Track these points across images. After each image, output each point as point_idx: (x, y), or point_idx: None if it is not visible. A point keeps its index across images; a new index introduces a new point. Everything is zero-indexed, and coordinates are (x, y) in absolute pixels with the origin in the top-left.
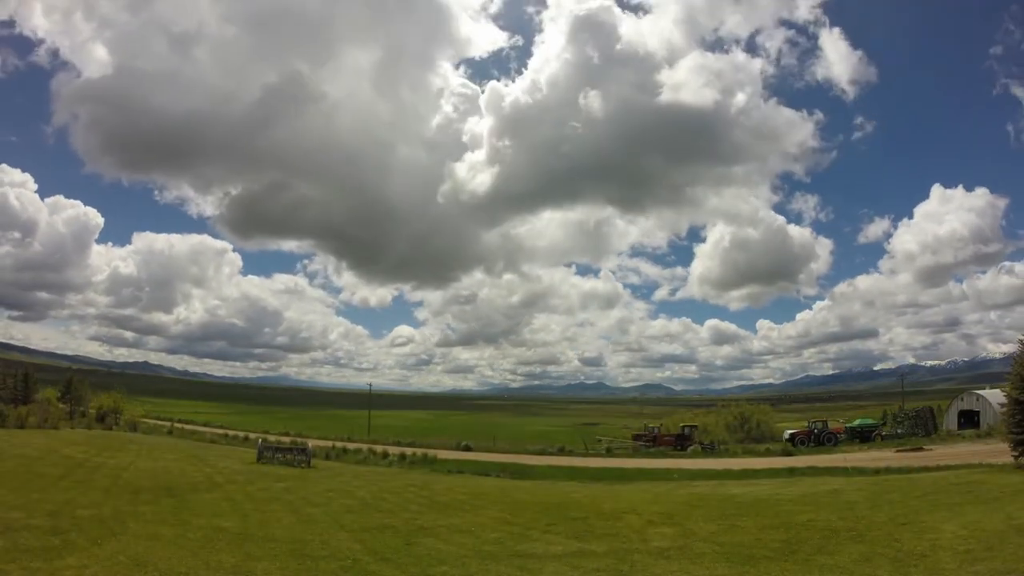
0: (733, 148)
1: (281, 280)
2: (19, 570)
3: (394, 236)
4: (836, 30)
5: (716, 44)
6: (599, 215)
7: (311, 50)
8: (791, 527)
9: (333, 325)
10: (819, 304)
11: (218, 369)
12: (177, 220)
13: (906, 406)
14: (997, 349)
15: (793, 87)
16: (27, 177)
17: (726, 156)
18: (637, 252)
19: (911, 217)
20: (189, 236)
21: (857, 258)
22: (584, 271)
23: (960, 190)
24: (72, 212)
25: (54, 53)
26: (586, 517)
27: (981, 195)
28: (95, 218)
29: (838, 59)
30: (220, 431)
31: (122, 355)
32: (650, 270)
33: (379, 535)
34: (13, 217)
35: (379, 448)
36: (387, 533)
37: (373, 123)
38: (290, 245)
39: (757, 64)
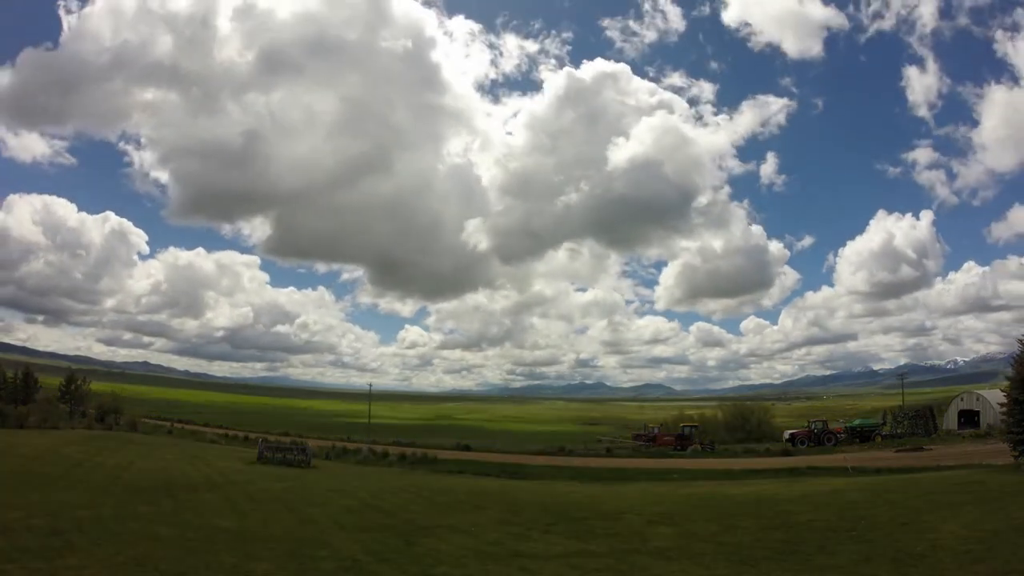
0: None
1: (298, 290)
2: (19, 570)
3: (414, 266)
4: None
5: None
6: (595, 251)
7: (376, 130)
8: (791, 527)
9: (342, 329)
10: (797, 312)
11: (219, 369)
12: (211, 240)
13: (906, 405)
14: (986, 349)
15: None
16: (63, 202)
17: (699, 222)
18: (629, 275)
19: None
20: (217, 253)
21: (824, 275)
22: (583, 288)
23: (907, 215)
24: (112, 226)
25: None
26: (586, 517)
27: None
28: (139, 239)
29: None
30: (220, 431)
31: (124, 355)
32: (644, 291)
33: (379, 535)
34: (56, 230)
35: (379, 448)
36: (387, 533)
37: (409, 179)
38: (320, 267)
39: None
